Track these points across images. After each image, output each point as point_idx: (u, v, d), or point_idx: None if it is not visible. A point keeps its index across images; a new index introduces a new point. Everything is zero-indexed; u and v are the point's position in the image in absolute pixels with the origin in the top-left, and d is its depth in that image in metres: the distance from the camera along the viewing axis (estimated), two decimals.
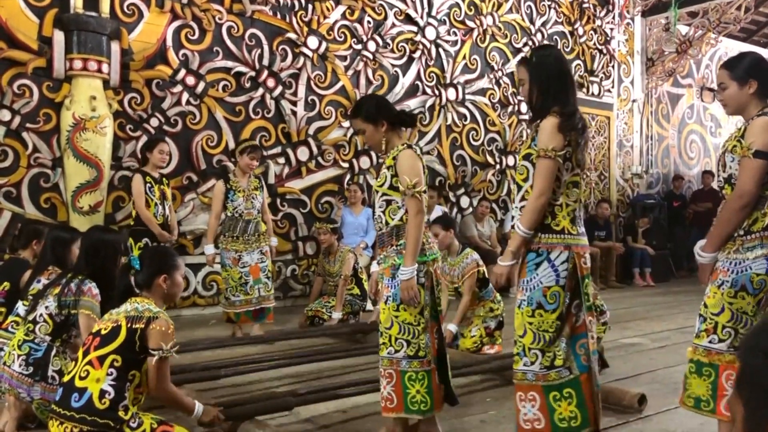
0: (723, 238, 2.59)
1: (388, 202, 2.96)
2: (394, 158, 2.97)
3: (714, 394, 2.56)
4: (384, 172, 2.99)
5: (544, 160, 2.53)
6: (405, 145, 2.99)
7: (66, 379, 2.55)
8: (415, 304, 2.82)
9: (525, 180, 2.63)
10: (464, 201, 8.53)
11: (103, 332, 2.54)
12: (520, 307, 2.60)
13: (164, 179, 5.49)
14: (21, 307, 3.44)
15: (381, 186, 2.98)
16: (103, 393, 2.42)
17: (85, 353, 2.52)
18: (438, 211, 7.40)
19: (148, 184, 5.25)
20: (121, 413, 2.41)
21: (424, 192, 2.91)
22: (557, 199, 2.58)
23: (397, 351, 2.83)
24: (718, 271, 2.61)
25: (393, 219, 2.93)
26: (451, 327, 4.70)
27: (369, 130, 3.07)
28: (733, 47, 12.00)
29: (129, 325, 2.51)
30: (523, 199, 2.62)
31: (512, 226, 2.68)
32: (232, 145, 6.75)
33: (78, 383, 2.45)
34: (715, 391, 2.56)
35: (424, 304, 2.85)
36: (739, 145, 2.56)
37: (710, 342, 2.59)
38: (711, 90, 11.71)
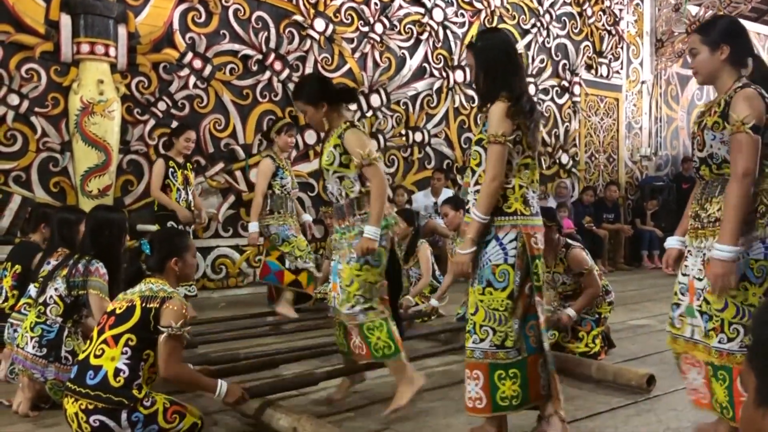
0: (741, 225, 2.33)
1: (341, 179, 3.11)
2: (339, 137, 3.09)
3: (731, 400, 2.36)
4: (331, 151, 3.10)
5: (495, 145, 2.52)
6: (348, 123, 3.12)
7: (81, 357, 2.58)
8: (376, 262, 2.99)
9: (478, 165, 2.63)
10: None
11: (118, 311, 2.56)
12: (472, 285, 2.62)
13: (188, 164, 5.58)
14: (33, 290, 3.47)
15: (331, 165, 3.10)
16: (117, 371, 2.45)
17: (101, 332, 2.55)
18: (447, 193, 7.41)
19: (171, 169, 5.39)
20: (135, 392, 2.44)
21: (380, 157, 3.08)
22: (510, 182, 2.57)
23: (353, 306, 3.01)
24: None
25: (352, 192, 3.09)
26: (433, 302, 5.09)
27: (310, 111, 3.19)
28: None
29: (144, 304, 2.53)
30: (477, 183, 2.62)
31: (467, 211, 2.67)
32: (239, 128, 6.77)
33: (93, 361, 2.48)
34: (731, 396, 2.35)
35: (383, 265, 3.04)
36: (721, 121, 2.41)
37: (719, 342, 2.40)
38: None
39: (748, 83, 2.41)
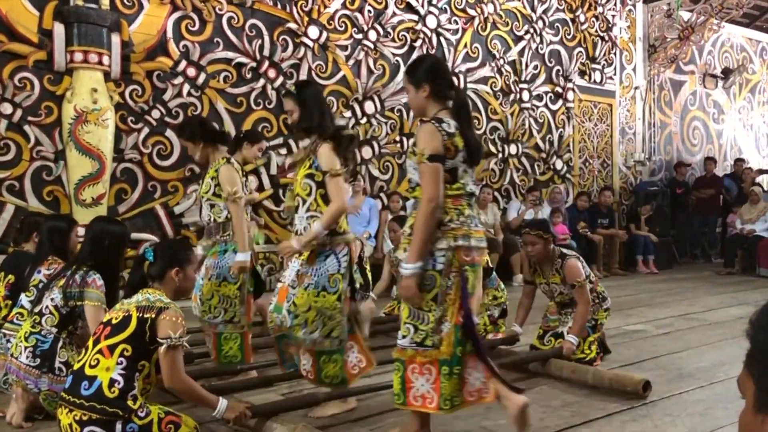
0: (426, 244, 2.63)
1: (212, 206, 3.83)
2: (216, 170, 3.78)
3: (403, 387, 2.72)
4: (208, 182, 3.81)
5: (336, 177, 3.08)
6: (225, 159, 3.83)
7: (76, 367, 2.56)
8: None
9: (308, 195, 3.17)
10: None
11: (114, 321, 2.55)
12: (307, 288, 3.06)
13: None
14: (24, 299, 3.46)
15: (206, 193, 3.83)
16: (112, 382, 2.43)
17: (96, 342, 2.53)
18: None
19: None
20: (129, 402, 2.43)
21: (240, 198, 3.72)
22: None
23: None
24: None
25: (220, 218, 3.81)
26: None
27: (190, 147, 3.94)
28: (735, 33, 11.99)
29: (140, 314, 2.52)
30: (308, 210, 3.17)
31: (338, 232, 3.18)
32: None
33: (88, 371, 2.47)
34: (404, 384, 2.71)
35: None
36: (413, 152, 2.72)
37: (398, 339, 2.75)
38: (714, 76, 11.68)
39: (428, 119, 2.71)
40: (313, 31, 7.24)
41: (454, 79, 8.24)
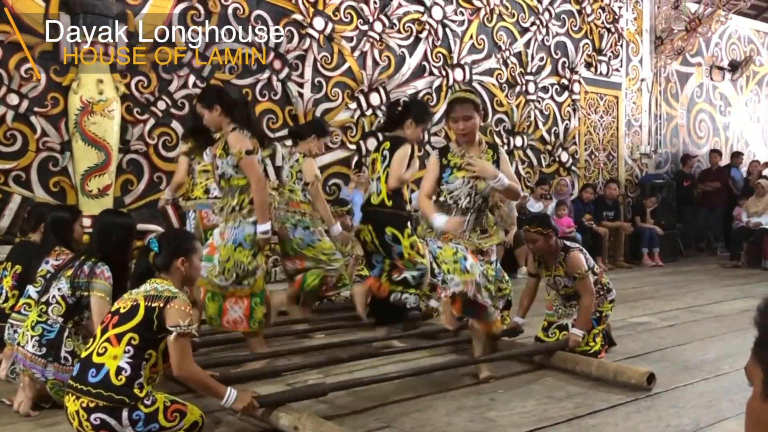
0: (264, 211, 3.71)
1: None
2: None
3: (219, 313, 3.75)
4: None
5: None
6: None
7: (83, 354, 2.58)
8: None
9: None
10: None
11: (122, 310, 2.57)
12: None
13: None
14: (31, 289, 3.47)
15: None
16: (119, 370, 2.45)
17: (104, 330, 2.55)
18: None
19: None
20: (136, 390, 2.44)
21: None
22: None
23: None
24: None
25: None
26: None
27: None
28: (742, 24, 11.90)
29: (148, 303, 2.54)
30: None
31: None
32: None
33: (95, 359, 2.49)
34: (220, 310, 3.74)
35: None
36: (224, 152, 3.71)
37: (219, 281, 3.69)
38: (721, 68, 11.61)
39: (235, 127, 3.73)
40: (319, 23, 7.22)
41: (459, 70, 8.26)
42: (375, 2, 7.63)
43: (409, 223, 3.79)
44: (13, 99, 5.66)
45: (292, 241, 4.72)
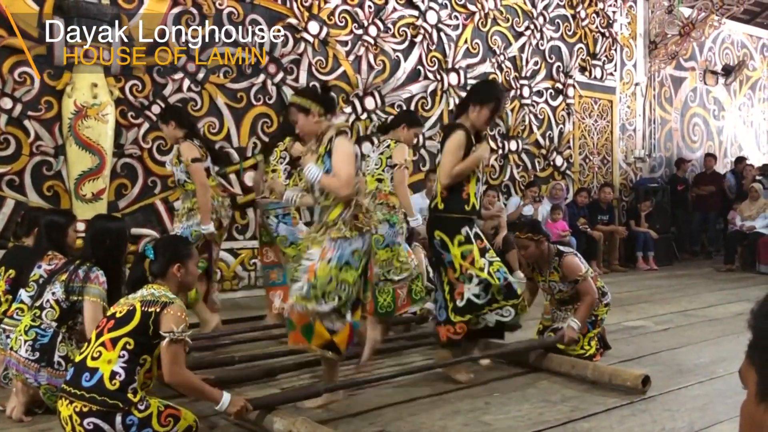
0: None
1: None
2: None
3: None
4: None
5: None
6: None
7: (78, 359, 2.57)
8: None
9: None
10: None
11: (117, 315, 2.56)
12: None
13: None
14: (24, 294, 3.46)
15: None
16: (113, 374, 2.44)
17: (99, 334, 2.54)
18: None
19: None
20: (130, 395, 2.43)
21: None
22: None
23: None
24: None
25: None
26: (429, 305, 4.68)
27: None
28: (736, 29, 11.96)
29: (144, 308, 2.53)
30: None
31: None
32: (234, 131, 6.75)
33: (90, 363, 2.47)
34: None
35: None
36: (178, 160, 4.20)
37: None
38: (714, 73, 11.66)
39: (186, 138, 4.27)
40: (314, 27, 7.22)
41: (454, 74, 8.27)
42: (370, 6, 7.63)
43: (465, 229, 3.45)
44: (7, 103, 5.63)
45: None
